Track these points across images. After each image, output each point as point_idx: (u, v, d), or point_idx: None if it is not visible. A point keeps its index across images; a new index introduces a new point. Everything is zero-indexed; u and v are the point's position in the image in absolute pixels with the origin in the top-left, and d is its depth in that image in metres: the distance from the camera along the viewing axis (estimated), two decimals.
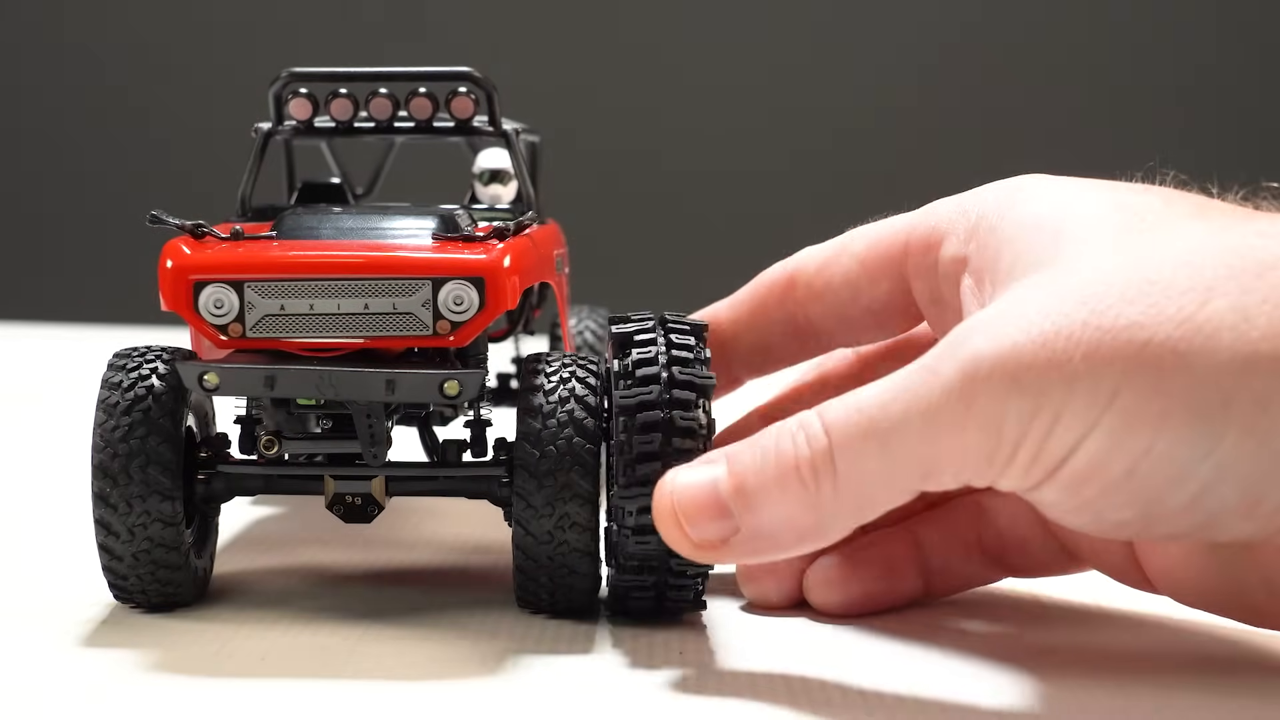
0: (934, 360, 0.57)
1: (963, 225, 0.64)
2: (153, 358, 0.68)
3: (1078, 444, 0.55)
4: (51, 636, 0.66)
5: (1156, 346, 0.54)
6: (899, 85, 2.24)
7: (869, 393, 0.58)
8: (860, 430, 0.57)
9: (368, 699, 0.59)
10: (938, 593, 0.72)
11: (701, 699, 0.60)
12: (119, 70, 2.28)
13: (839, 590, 0.70)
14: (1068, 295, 0.56)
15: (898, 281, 0.69)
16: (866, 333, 0.72)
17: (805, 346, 0.73)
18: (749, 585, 0.72)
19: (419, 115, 0.79)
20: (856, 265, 0.70)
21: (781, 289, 0.72)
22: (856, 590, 0.70)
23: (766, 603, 0.71)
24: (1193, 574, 0.64)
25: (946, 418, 0.56)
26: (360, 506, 0.69)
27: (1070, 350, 0.54)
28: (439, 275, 0.65)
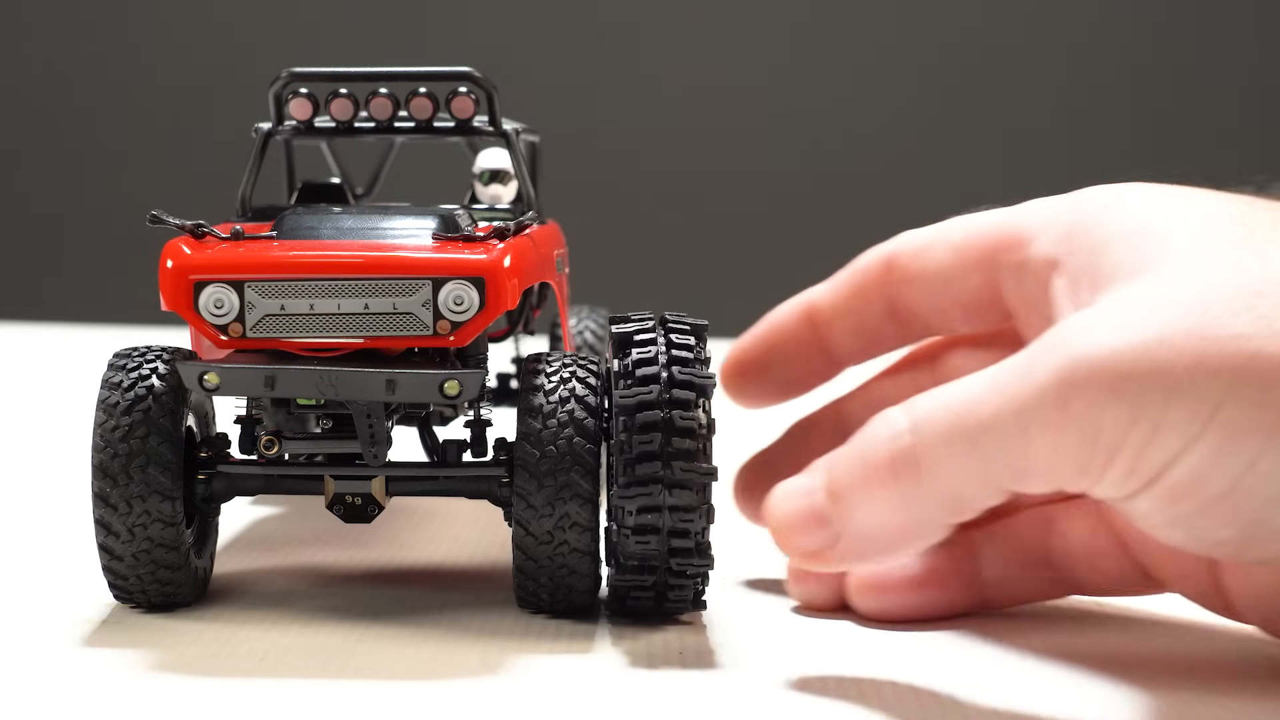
0: (1028, 360, 0.55)
1: (1056, 227, 0.63)
2: (153, 358, 0.68)
3: (1177, 456, 0.53)
4: (51, 636, 0.66)
5: (1264, 360, 0.52)
6: (901, 86, 2.24)
7: (958, 390, 0.57)
8: (947, 428, 0.56)
9: (368, 699, 0.59)
10: (994, 605, 0.70)
11: (702, 699, 0.60)
12: (119, 70, 2.28)
13: (876, 597, 0.69)
14: (1172, 303, 0.54)
15: (988, 275, 0.67)
16: (959, 322, 0.71)
17: (904, 331, 0.72)
18: (796, 587, 0.71)
19: (419, 115, 0.79)
20: (951, 254, 0.69)
21: (880, 271, 0.71)
22: (895, 599, 0.69)
23: (812, 605, 0.71)
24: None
25: (1040, 419, 0.54)
26: (360, 506, 0.69)
27: (1173, 360, 0.53)
28: (439, 275, 0.65)
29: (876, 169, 2.24)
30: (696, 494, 0.64)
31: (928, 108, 2.25)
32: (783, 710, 0.59)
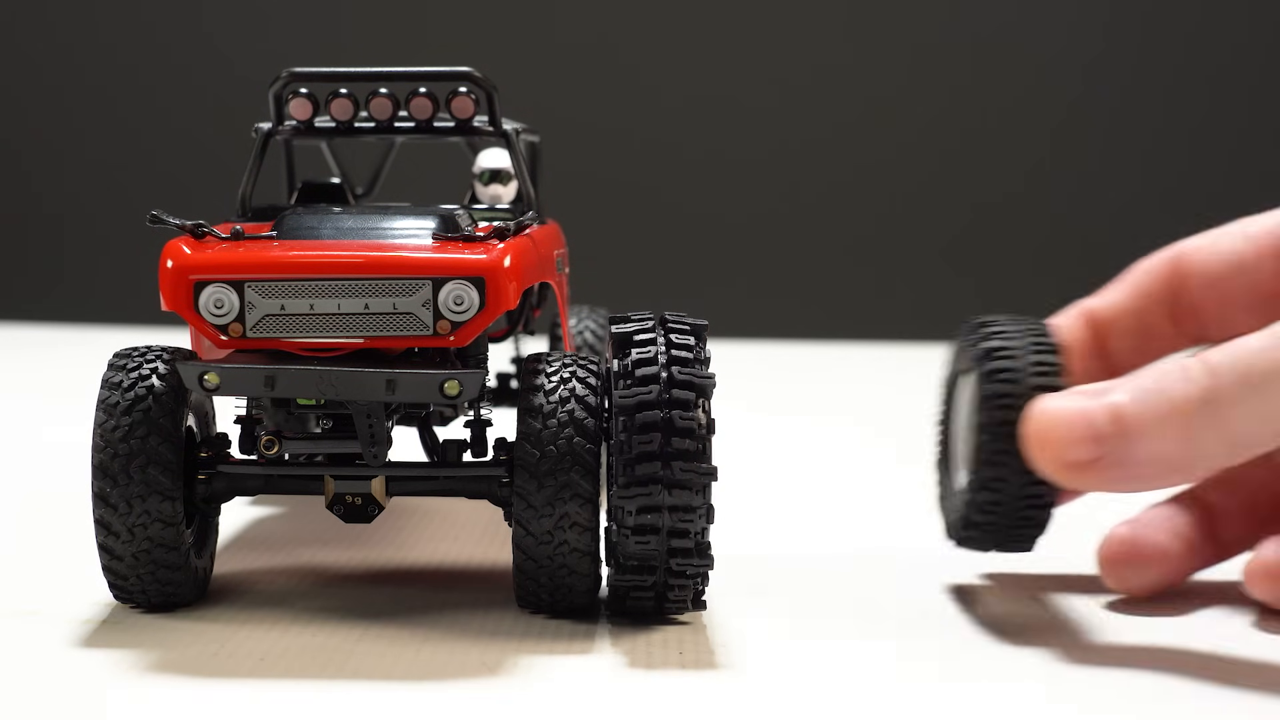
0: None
1: None
2: (153, 358, 0.68)
3: None
4: (51, 636, 0.66)
5: None
6: (903, 87, 2.24)
7: (1250, 342, 0.61)
8: (1239, 374, 0.60)
9: (368, 699, 0.59)
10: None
11: (701, 699, 0.60)
12: (119, 70, 2.28)
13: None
14: None
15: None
16: (1244, 314, 0.72)
17: (1182, 329, 0.74)
18: (1128, 571, 0.72)
19: (419, 115, 0.79)
20: (1243, 241, 0.72)
21: (1165, 268, 0.74)
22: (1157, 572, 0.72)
23: (1132, 593, 0.72)
24: None
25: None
26: (360, 506, 0.69)
27: None
28: (439, 275, 0.65)
29: (879, 170, 2.24)
30: (696, 494, 0.64)
31: (931, 109, 2.25)
32: (782, 710, 0.59)
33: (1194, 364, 0.62)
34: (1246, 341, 0.61)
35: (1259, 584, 0.71)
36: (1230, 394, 0.61)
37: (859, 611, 0.71)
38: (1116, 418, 0.62)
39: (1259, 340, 0.61)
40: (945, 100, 2.24)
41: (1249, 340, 0.61)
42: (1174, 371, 0.62)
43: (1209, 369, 0.61)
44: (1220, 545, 0.74)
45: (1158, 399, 0.62)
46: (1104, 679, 0.62)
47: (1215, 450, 0.62)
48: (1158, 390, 0.62)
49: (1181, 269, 0.73)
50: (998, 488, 0.67)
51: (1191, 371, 0.62)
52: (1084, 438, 0.62)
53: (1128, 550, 0.72)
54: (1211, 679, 0.62)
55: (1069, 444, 0.63)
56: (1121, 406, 0.62)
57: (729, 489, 0.70)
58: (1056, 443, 0.63)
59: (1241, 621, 0.69)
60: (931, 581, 0.76)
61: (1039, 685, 0.61)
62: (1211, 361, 0.62)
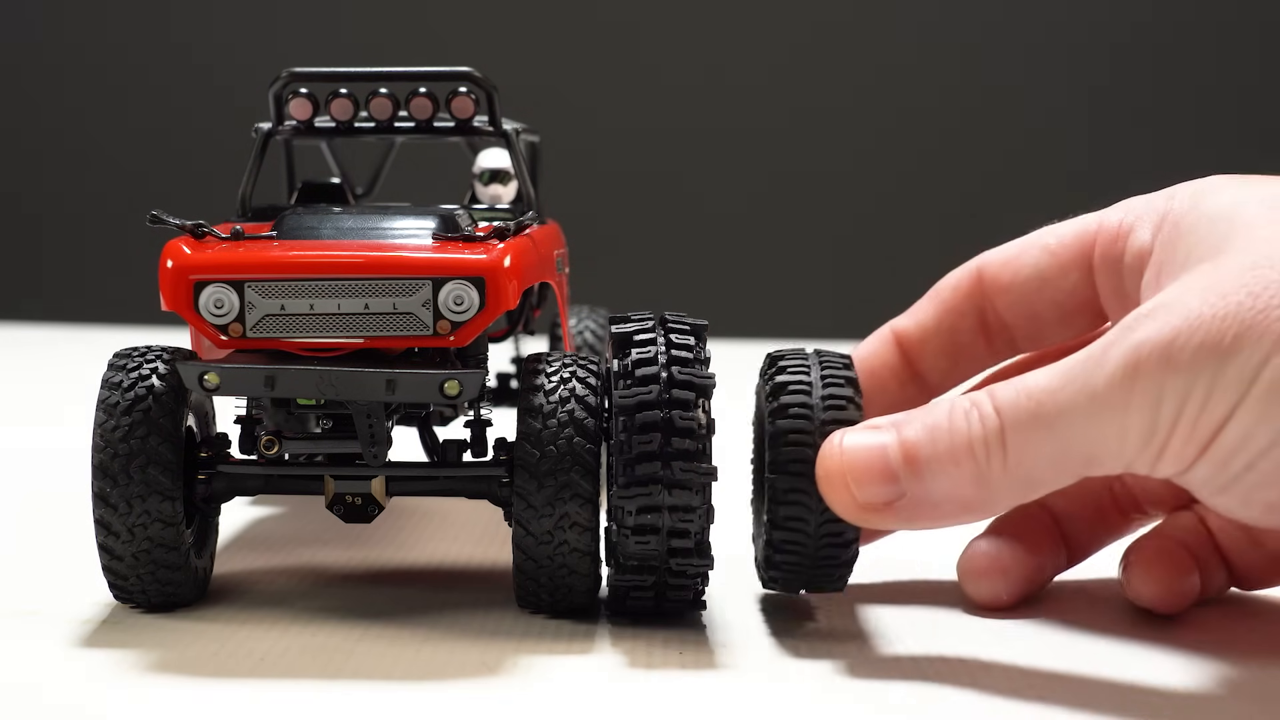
0: (1101, 349, 0.59)
1: (1151, 219, 0.66)
2: (153, 358, 0.68)
3: (1226, 418, 0.57)
4: (51, 636, 0.66)
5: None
6: (904, 86, 2.24)
7: (1038, 379, 0.60)
8: (1029, 414, 0.60)
9: (368, 699, 0.59)
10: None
11: (701, 699, 0.60)
12: (119, 70, 2.28)
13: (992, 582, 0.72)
14: (1228, 279, 0.58)
15: (1085, 274, 0.70)
16: (1052, 327, 0.73)
17: (993, 347, 0.74)
18: (979, 583, 0.72)
19: (419, 115, 0.79)
20: (1047, 256, 0.71)
21: (969, 285, 0.73)
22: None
23: (998, 602, 0.71)
24: None
25: (1109, 403, 0.58)
26: (360, 506, 0.69)
27: (1223, 330, 0.56)
28: (439, 275, 0.65)
29: (878, 169, 2.24)
30: (696, 494, 0.64)
31: (932, 109, 2.25)
32: (782, 710, 0.59)
33: (984, 402, 0.61)
34: (1035, 380, 0.60)
35: (968, 582, 0.71)
36: (1021, 435, 0.60)
37: (858, 611, 0.71)
38: (910, 458, 0.61)
39: (1048, 379, 0.60)
40: (955, 107, 2.24)
41: (1037, 379, 0.60)
42: (965, 409, 0.61)
43: (997, 407, 0.60)
44: (1071, 549, 0.74)
45: (949, 439, 0.61)
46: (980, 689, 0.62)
47: (1008, 490, 0.61)
48: (949, 430, 0.61)
49: (986, 286, 0.73)
50: (795, 527, 0.66)
51: (982, 409, 0.61)
52: (879, 478, 0.62)
53: (989, 562, 0.71)
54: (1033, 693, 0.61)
55: (863, 485, 0.62)
56: (915, 446, 0.61)
57: (729, 489, 0.70)
58: (852, 484, 0.62)
59: (1076, 631, 0.69)
60: (930, 580, 0.76)
61: (1037, 677, 0.62)
62: (1000, 400, 0.61)
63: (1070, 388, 0.59)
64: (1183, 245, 0.63)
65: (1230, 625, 0.70)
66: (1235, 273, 0.58)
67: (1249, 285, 0.57)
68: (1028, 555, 0.72)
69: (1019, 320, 0.72)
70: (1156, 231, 0.65)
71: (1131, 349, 0.58)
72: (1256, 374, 0.56)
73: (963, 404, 0.61)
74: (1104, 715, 0.58)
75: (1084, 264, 0.70)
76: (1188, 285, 0.59)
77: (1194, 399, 0.57)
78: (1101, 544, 0.75)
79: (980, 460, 0.60)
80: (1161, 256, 0.64)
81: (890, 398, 0.74)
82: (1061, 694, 0.60)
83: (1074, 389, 0.59)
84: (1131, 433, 0.58)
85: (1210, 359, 0.56)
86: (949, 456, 0.61)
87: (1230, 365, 0.56)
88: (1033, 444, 0.60)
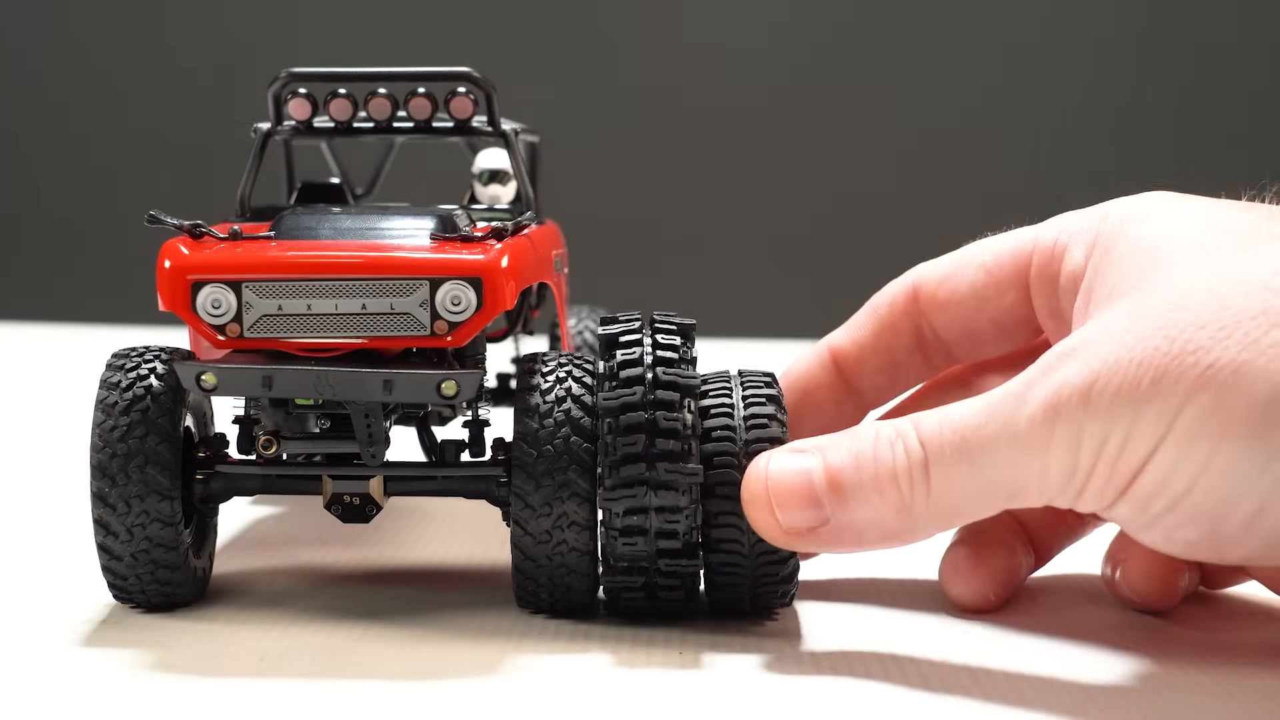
0: (1023, 387, 0.59)
1: (1084, 240, 0.66)
2: (151, 358, 0.68)
3: (1145, 462, 0.57)
4: (51, 636, 0.66)
5: (1219, 369, 0.56)
6: (901, 90, 2.24)
7: (962, 412, 0.61)
8: (953, 449, 0.60)
9: (368, 699, 0.59)
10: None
11: (700, 699, 0.60)
12: (119, 70, 2.28)
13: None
14: (1146, 322, 0.58)
15: (1022, 292, 0.70)
16: (990, 344, 0.73)
17: (930, 363, 0.74)
18: (965, 586, 0.72)
19: (418, 115, 0.79)
20: (983, 275, 0.71)
21: (905, 303, 0.73)
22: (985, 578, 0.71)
23: (984, 604, 0.71)
24: None
25: (1030, 442, 0.59)
26: (358, 506, 0.69)
27: (1141, 376, 0.57)
28: (437, 275, 0.65)
29: (879, 171, 2.24)
30: (683, 495, 0.64)
31: (928, 114, 2.25)
32: (782, 709, 0.59)
33: (909, 433, 0.61)
34: (959, 412, 0.61)
35: (952, 585, 0.71)
36: (944, 468, 0.60)
37: (858, 611, 0.71)
38: (835, 484, 0.62)
39: (971, 414, 0.60)
40: (950, 111, 2.24)
41: (961, 412, 0.61)
42: (890, 439, 0.61)
43: (921, 438, 0.61)
44: (1037, 551, 0.74)
45: (874, 468, 0.61)
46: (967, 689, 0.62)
47: (930, 521, 0.61)
48: (873, 459, 0.61)
49: (922, 304, 0.73)
50: (730, 549, 0.66)
51: (907, 440, 0.61)
52: (803, 503, 0.62)
53: (974, 565, 0.71)
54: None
55: (787, 509, 0.62)
56: (839, 472, 0.62)
57: None
58: (776, 508, 0.62)
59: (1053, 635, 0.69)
60: (927, 579, 0.76)
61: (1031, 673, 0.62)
62: (925, 432, 0.61)
63: (992, 424, 0.59)
64: (1109, 275, 0.63)
65: (1214, 624, 0.70)
66: (1153, 314, 0.58)
67: (1165, 329, 0.57)
68: (1006, 557, 0.72)
69: (956, 337, 0.73)
70: (1089, 253, 0.65)
71: (1053, 391, 0.58)
72: (1173, 420, 0.56)
73: (888, 432, 0.62)
74: (1102, 716, 0.58)
75: (1020, 282, 0.70)
76: (1108, 325, 0.59)
77: (1112, 442, 0.57)
78: (1062, 546, 0.75)
79: (904, 491, 0.61)
80: (1091, 282, 0.64)
81: (826, 418, 0.75)
82: (1057, 694, 0.60)
83: (996, 426, 0.59)
84: (1052, 472, 0.59)
85: (1128, 404, 0.57)
86: (873, 485, 0.61)
87: (1147, 410, 0.56)
88: (955, 478, 0.60)
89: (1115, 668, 0.64)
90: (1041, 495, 0.60)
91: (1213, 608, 0.72)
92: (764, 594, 0.67)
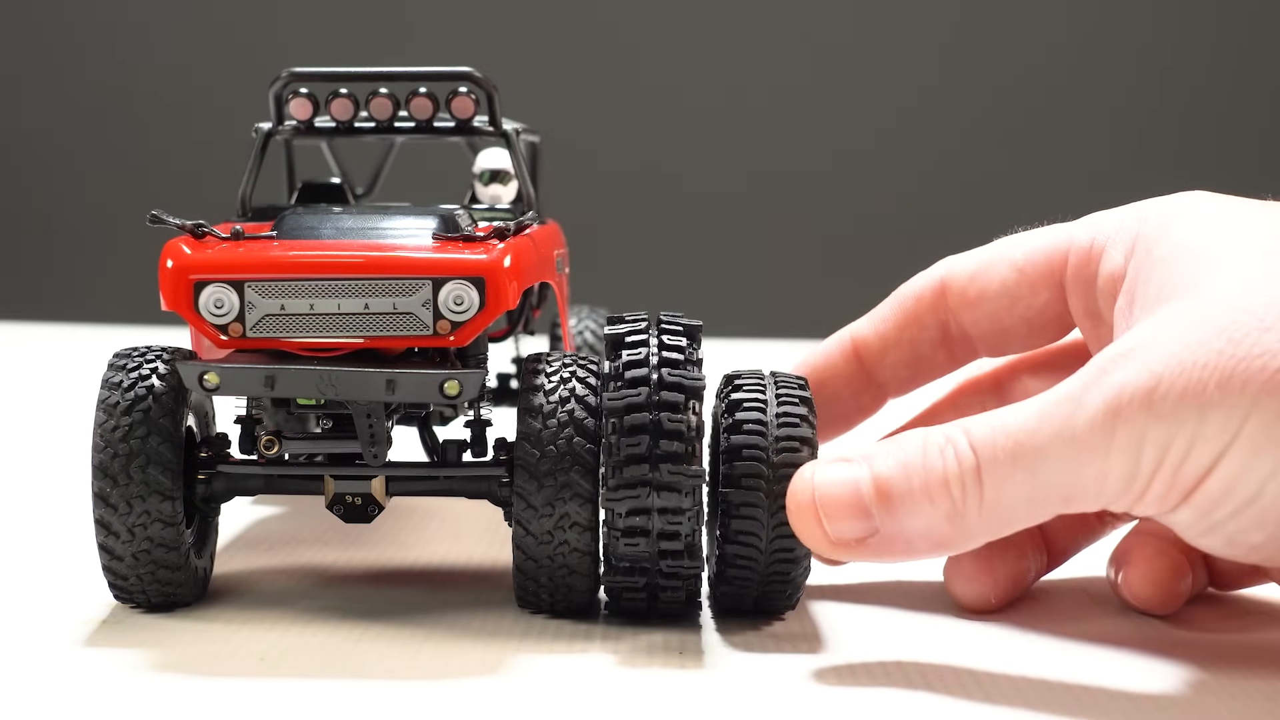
0: (1079, 389, 0.59)
1: (1123, 241, 0.66)
2: (153, 358, 0.68)
3: (1211, 468, 0.57)
4: (51, 636, 0.66)
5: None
6: (902, 89, 2.24)
7: (1014, 417, 0.60)
8: (1007, 454, 0.59)
9: (368, 699, 0.59)
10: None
11: (701, 699, 0.60)
12: (120, 70, 2.28)
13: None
14: (1207, 324, 0.57)
15: (1057, 291, 0.70)
16: (1019, 342, 0.72)
17: (954, 357, 0.74)
18: (967, 586, 0.71)
19: (419, 115, 0.79)
20: (1015, 274, 0.70)
21: (932, 298, 0.73)
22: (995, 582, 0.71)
23: (986, 605, 0.71)
24: None
25: (1090, 446, 0.58)
26: (360, 506, 0.69)
27: (1206, 379, 0.56)
28: (439, 275, 0.65)
29: (881, 170, 2.24)
30: (685, 496, 0.64)
31: (929, 111, 2.25)
32: (783, 710, 0.59)
33: (959, 439, 0.60)
34: (1011, 417, 0.60)
35: (955, 585, 0.71)
36: (997, 474, 0.59)
37: (860, 612, 0.71)
38: (883, 493, 0.61)
39: (1025, 418, 0.59)
40: (951, 109, 2.24)
41: (1014, 417, 0.60)
42: (940, 445, 0.60)
43: (972, 444, 0.60)
44: (1052, 552, 0.74)
45: (924, 476, 0.60)
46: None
47: (983, 528, 0.60)
48: (923, 466, 0.60)
49: (950, 300, 0.72)
50: (747, 541, 0.66)
51: (957, 446, 0.60)
52: (852, 513, 0.61)
53: (977, 565, 0.71)
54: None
55: (836, 520, 0.61)
56: (888, 481, 0.61)
57: None
58: (824, 518, 0.62)
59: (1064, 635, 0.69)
60: (931, 581, 0.76)
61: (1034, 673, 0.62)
62: (976, 437, 0.60)
63: (1048, 428, 0.59)
64: (1155, 276, 0.62)
65: (1220, 625, 0.70)
66: (1213, 317, 0.57)
67: (1228, 331, 0.56)
68: (1013, 558, 0.71)
69: (984, 334, 0.72)
70: (1129, 255, 0.65)
71: (1112, 393, 0.57)
72: (1241, 424, 0.56)
73: (937, 439, 0.61)
74: (1102, 717, 0.58)
75: (1054, 282, 0.69)
76: (1165, 326, 0.58)
77: (1176, 448, 0.57)
78: (1079, 547, 0.75)
79: (956, 498, 0.60)
80: (1134, 284, 0.64)
81: (845, 407, 0.74)
82: (1057, 696, 0.60)
83: (1051, 430, 0.58)
84: (1111, 476, 0.58)
85: (1193, 408, 0.56)
86: (923, 493, 0.60)
87: (1213, 414, 0.56)
88: (1010, 483, 0.59)
89: (1116, 669, 0.64)
90: (1098, 499, 0.59)
91: (1219, 609, 0.72)
92: (772, 593, 0.67)
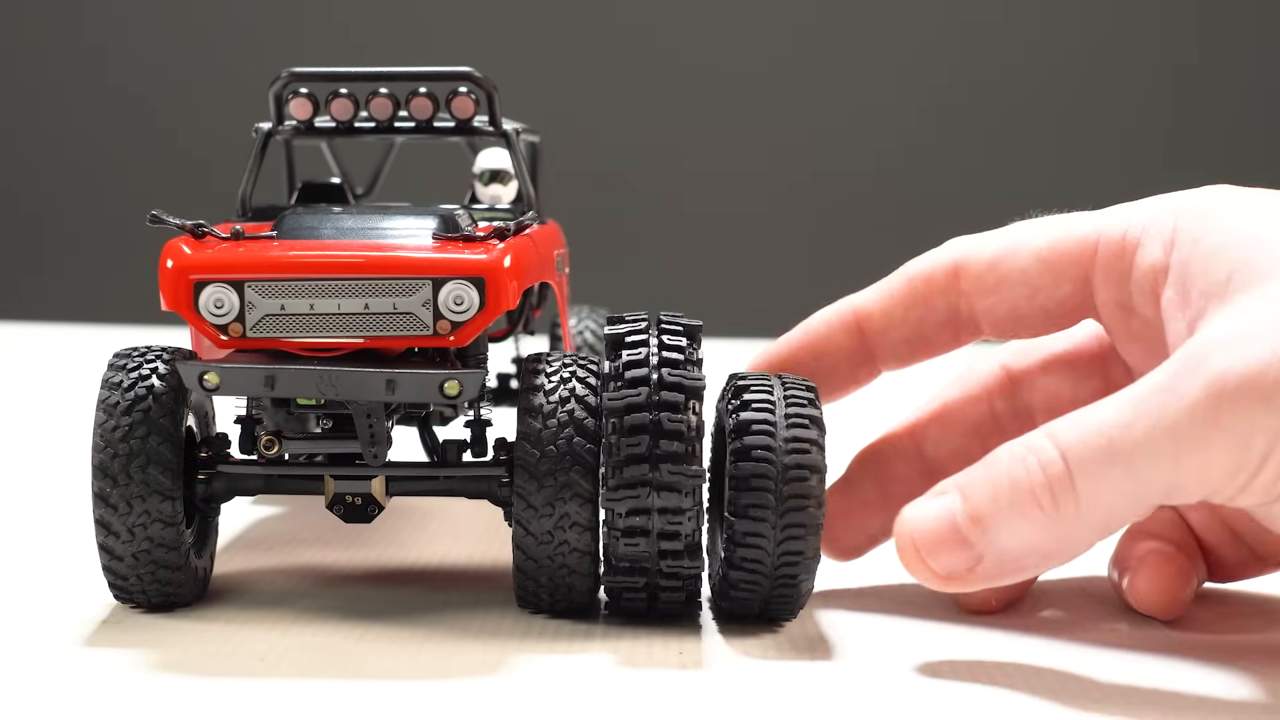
0: (1173, 380, 0.57)
1: (1159, 234, 0.64)
2: (153, 358, 0.68)
3: None
4: (51, 636, 0.66)
5: None
6: (903, 87, 2.25)
7: (1104, 414, 0.58)
8: (1101, 452, 0.58)
9: (368, 699, 0.59)
10: None
11: (701, 699, 0.60)
12: (120, 70, 2.28)
13: None
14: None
15: (1080, 284, 0.68)
16: (1031, 329, 0.71)
17: (958, 338, 0.73)
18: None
19: (419, 115, 0.79)
20: (1037, 263, 0.69)
21: (944, 280, 0.71)
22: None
23: (987, 606, 0.71)
24: None
25: (1192, 435, 0.57)
26: (360, 506, 0.69)
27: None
28: (439, 275, 0.65)
29: (882, 170, 2.24)
30: (686, 496, 0.64)
31: (930, 108, 2.25)
32: (783, 710, 0.59)
33: (1043, 446, 0.59)
34: (1099, 414, 0.59)
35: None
36: (1091, 475, 0.58)
37: (854, 614, 0.71)
38: (976, 519, 0.60)
39: (1116, 413, 0.58)
40: (952, 105, 2.25)
41: (1100, 413, 0.59)
42: (1022, 456, 0.59)
43: (1061, 449, 0.59)
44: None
45: (1010, 493, 0.59)
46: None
47: (1086, 531, 0.59)
48: (1008, 483, 0.59)
49: (964, 285, 0.71)
50: (754, 543, 0.65)
51: (1041, 455, 0.59)
52: (951, 547, 0.60)
53: None
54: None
55: (937, 556, 0.61)
56: (978, 505, 0.60)
57: None
58: (927, 557, 0.61)
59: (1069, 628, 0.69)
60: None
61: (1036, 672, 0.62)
62: (1064, 441, 0.59)
63: (1143, 422, 0.57)
64: (1215, 265, 0.61)
65: (1221, 625, 0.70)
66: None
67: None
68: None
69: (997, 320, 0.71)
70: (1168, 248, 0.64)
71: (1215, 380, 0.56)
72: None
73: (1018, 451, 0.60)
74: (1102, 717, 0.58)
75: (1080, 275, 0.68)
76: (1257, 312, 0.57)
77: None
78: None
79: (1049, 507, 0.59)
80: (1184, 275, 0.62)
81: (841, 379, 0.74)
82: (1058, 697, 0.60)
83: (1147, 423, 0.57)
84: (1214, 466, 0.57)
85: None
86: (1012, 510, 0.59)
87: None
88: (1106, 483, 0.58)
89: (1117, 669, 0.64)
90: (1200, 491, 0.58)
91: (1220, 609, 0.72)
92: (777, 598, 0.67)
